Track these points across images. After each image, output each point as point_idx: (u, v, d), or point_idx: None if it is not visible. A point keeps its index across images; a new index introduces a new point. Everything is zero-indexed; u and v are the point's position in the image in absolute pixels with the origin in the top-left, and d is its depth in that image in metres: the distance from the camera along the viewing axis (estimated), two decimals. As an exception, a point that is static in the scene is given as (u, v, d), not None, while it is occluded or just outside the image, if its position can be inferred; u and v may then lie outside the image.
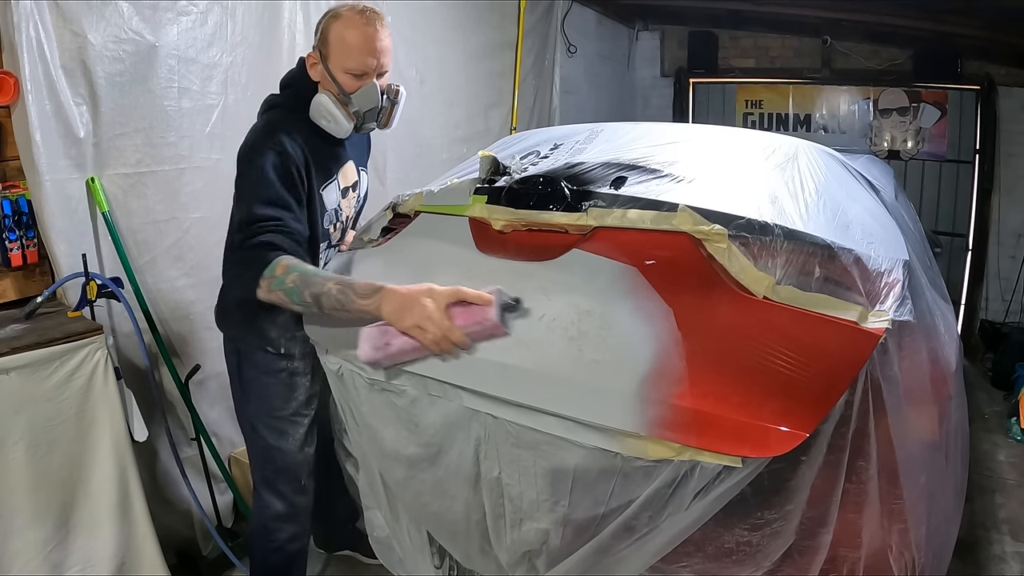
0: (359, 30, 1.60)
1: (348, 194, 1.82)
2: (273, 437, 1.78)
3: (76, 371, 1.81)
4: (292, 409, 1.78)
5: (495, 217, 1.58)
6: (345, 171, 1.79)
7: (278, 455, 1.79)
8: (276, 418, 1.77)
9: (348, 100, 1.64)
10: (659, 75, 5.75)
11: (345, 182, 1.79)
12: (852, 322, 1.20)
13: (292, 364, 1.77)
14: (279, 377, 1.76)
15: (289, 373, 1.77)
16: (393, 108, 1.72)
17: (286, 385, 1.77)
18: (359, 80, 1.63)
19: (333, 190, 1.74)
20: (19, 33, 1.84)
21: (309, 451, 1.84)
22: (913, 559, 1.27)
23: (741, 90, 5.53)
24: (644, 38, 5.72)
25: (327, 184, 1.71)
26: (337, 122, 1.64)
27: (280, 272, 1.41)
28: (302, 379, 1.79)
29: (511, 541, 1.45)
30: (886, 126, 5.06)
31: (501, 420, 1.36)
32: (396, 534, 1.82)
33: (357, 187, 1.86)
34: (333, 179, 1.73)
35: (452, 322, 1.28)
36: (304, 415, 1.80)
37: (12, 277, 2.01)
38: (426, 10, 3.31)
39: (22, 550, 1.75)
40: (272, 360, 1.75)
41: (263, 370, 1.76)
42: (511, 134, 3.75)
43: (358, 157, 1.86)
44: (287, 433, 1.78)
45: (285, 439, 1.78)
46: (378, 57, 1.63)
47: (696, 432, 1.15)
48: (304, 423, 1.80)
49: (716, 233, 1.32)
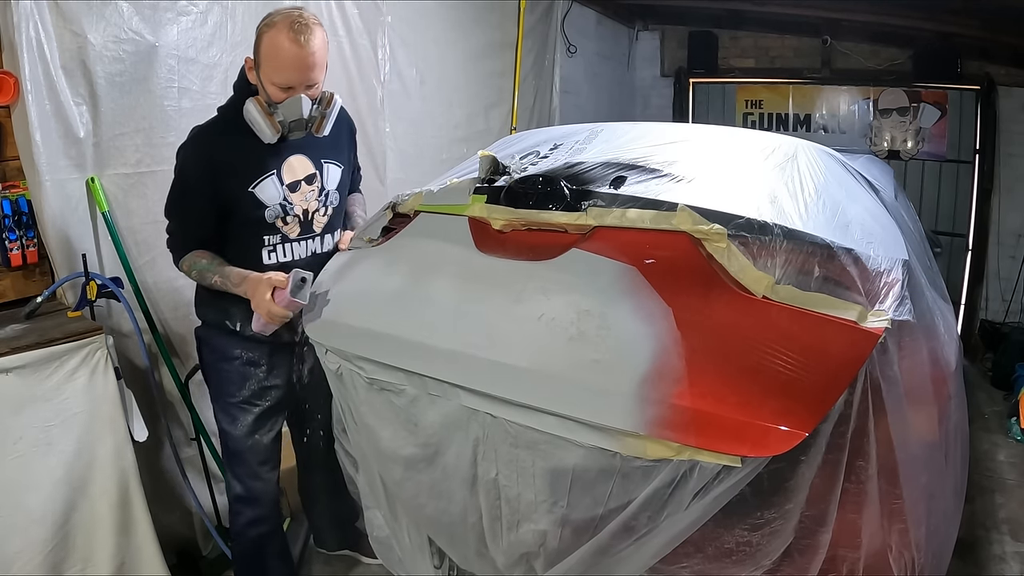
0: (289, 45, 1.64)
1: (300, 188, 1.84)
2: (226, 421, 1.92)
3: (76, 371, 1.81)
4: (242, 397, 1.89)
5: (495, 217, 1.57)
6: (290, 165, 1.82)
7: (229, 439, 1.93)
8: (228, 403, 1.90)
9: (274, 110, 1.71)
10: (659, 75, 5.75)
11: (291, 176, 1.83)
12: (851, 322, 1.20)
13: (248, 353, 1.88)
14: (233, 364, 1.89)
15: (244, 362, 1.89)
16: (324, 118, 1.79)
17: (239, 373, 1.89)
18: (285, 92, 1.70)
19: (270, 186, 1.79)
20: (19, 33, 1.84)
21: (261, 439, 1.93)
22: (913, 559, 1.27)
23: (741, 90, 5.53)
24: (644, 38, 5.72)
25: (259, 181, 1.77)
26: (261, 131, 1.71)
27: (186, 268, 1.81)
28: (256, 370, 1.90)
29: (508, 543, 1.45)
30: (886, 126, 5.06)
31: (500, 419, 1.36)
32: (396, 534, 1.82)
33: (315, 180, 1.88)
34: (268, 175, 1.78)
35: (273, 301, 1.64)
36: (255, 404, 1.91)
37: (12, 277, 2.01)
38: (426, 10, 3.31)
39: (22, 550, 1.75)
40: (229, 346, 1.88)
41: (220, 355, 1.90)
42: (511, 134, 3.75)
43: (320, 150, 1.88)
44: (237, 419, 1.90)
45: (235, 424, 1.90)
46: (306, 73, 1.69)
47: (695, 431, 1.15)
48: (253, 411, 1.91)
49: (715, 233, 1.32)
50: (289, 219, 1.84)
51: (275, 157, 1.80)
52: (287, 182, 1.82)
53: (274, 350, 1.92)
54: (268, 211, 1.80)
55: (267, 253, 1.84)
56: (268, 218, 1.81)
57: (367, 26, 2.97)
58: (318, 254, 1.93)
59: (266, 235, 1.83)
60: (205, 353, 1.96)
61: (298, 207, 1.85)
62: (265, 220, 1.80)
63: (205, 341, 1.95)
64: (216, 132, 1.78)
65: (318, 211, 1.90)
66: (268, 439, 1.95)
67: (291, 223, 1.85)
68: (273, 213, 1.81)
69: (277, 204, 1.81)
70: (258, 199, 1.77)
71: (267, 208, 1.79)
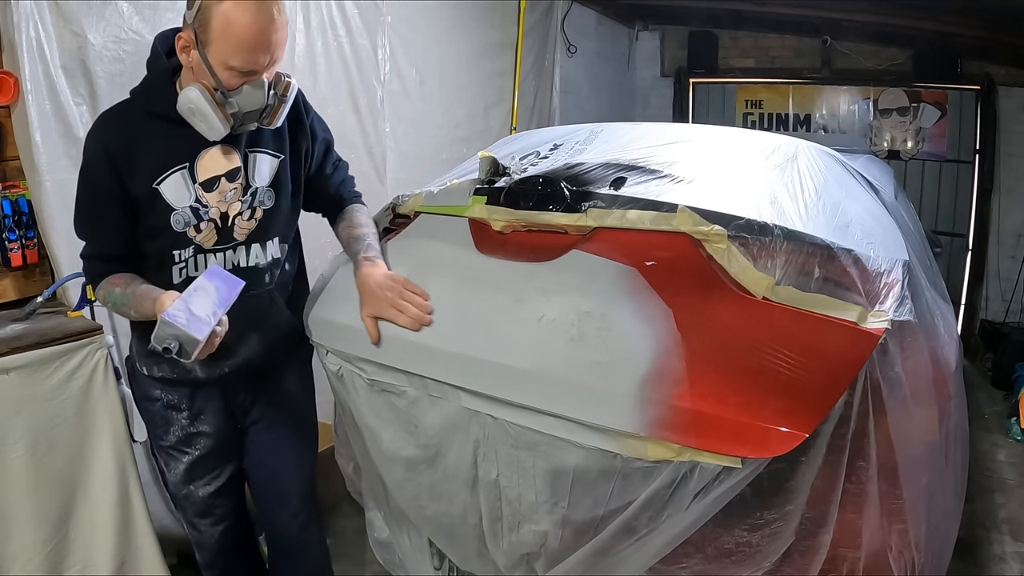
0: (251, 18, 1.29)
1: (218, 185, 1.47)
2: (161, 461, 1.68)
3: (76, 371, 1.81)
4: (169, 442, 1.63)
5: (495, 218, 1.57)
6: (210, 158, 1.46)
7: (166, 479, 1.69)
8: (159, 446, 1.66)
9: (226, 100, 1.36)
10: (659, 75, 5.76)
11: (207, 172, 1.46)
12: (852, 322, 1.20)
13: (167, 395, 1.61)
14: (155, 406, 1.63)
15: (164, 404, 1.62)
16: (280, 106, 1.44)
17: (162, 416, 1.63)
18: (243, 78, 1.35)
19: (178, 183, 1.43)
20: (19, 33, 1.84)
21: (196, 491, 1.65)
22: (913, 559, 1.27)
23: (741, 90, 5.53)
24: (644, 38, 5.72)
25: (165, 176, 1.42)
26: (210, 125, 1.36)
27: (102, 300, 1.49)
28: (178, 415, 1.61)
29: (508, 544, 1.45)
30: (886, 126, 5.07)
31: (500, 421, 1.36)
32: (396, 535, 1.82)
33: (238, 176, 1.49)
34: (176, 169, 1.43)
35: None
36: (184, 451, 1.63)
37: (12, 277, 2.01)
38: (426, 10, 3.31)
39: (22, 550, 1.75)
40: (148, 386, 1.62)
41: (142, 394, 1.66)
42: (511, 134, 3.75)
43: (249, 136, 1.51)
44: (169, 464, 1.65)
45: (168, 468, 1.66)
46: (272, 52, 1.35)
47: (696, 433, 1.15)
48: (183, 460, 1.63)
49: (715, 233, 1.32)
50: (203, 226, 1.48)
51: (189, 147, 1.43)
52: (201, 179, 1.45)
53: (195, 392, 1.60)
54: (175, 216, 1.43)
55: (179, 271, 1.49)
56: (176, 225, 1.44)
57: (367, 26, 2.97)
58: (242, 268, 1.55)
59: (176, 249, 1.47)
60: (133, 387, 1.71)
61: (214, 209, 1.48)
62: (172, 228, 1.44)
63: (131, 374, 1.69)
64: (119, 116, 1.43)
65: (240, 214, 1.52)
66: (205, 492, 1.66)
67: (205, 230, 1.48)
68: (182, 219, 1.45)
69: (187, 207, 1.45)
70: (164, 200, 1.43)
71: (174, 212, 1.43)
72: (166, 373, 1.58)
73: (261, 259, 1.58)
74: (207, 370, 1.56)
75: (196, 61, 1.35)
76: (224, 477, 1.68)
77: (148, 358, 1.55)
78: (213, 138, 1.40)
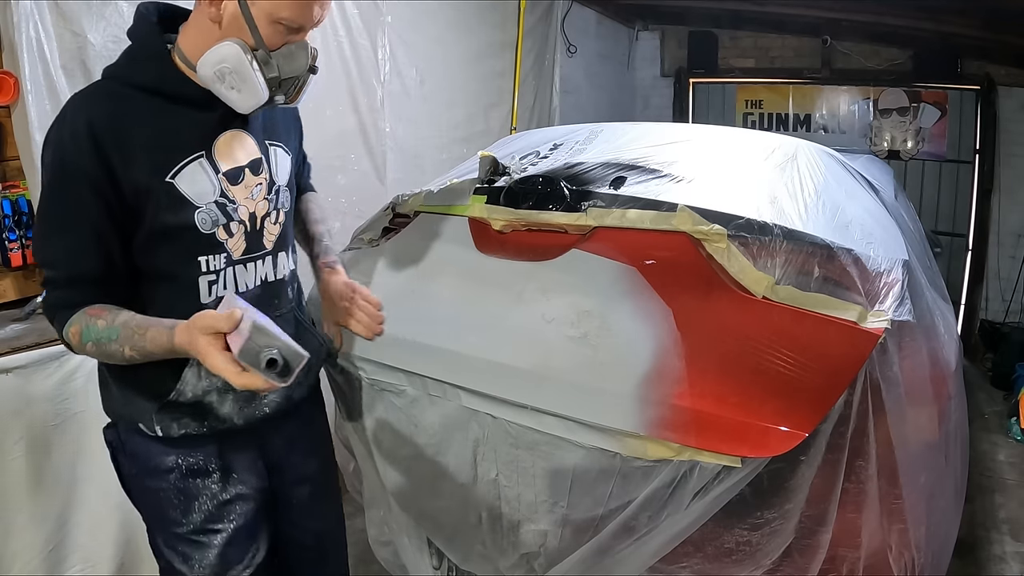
0: None
1: (243, 178, 1.21)
2: (177, 560, 1.24)
3: (76, 371, 1.81)
4: (193, 526, 1.23)
5: (495, 217, 1.58)
6: (227, 145, 1.19)
7: None
8: (174, 535, 1.24)
9: (268, 60, 1.12)
10: (659, 75, 5.76)
11: (231, 161, 1.19)
12: (851, 322, 1.20)
13: (186, 459, 1.22)
14: (168, 481, 1.22)
15: (182, 474, 1.22)
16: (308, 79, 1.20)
17: (180, 492, 1.22)
18: (290, 35, 1.13)
19: (199, 173, 1.15)
20: (19, 33, 1.84)
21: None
22: (913, 559, 1.27)
23: (741, 90, 5.53)
24: (644, 38, 5.72)
25: (182, 166, 1.13)
26: (249, 89, 1.10)
27: (76, 340, 1.09)
28: (206, 481, 1.24)
29: (508, 543, 1.45)
30: (886, 126, 5.07)
31: (500, 420, 1.36)
32: (395, 535, 1.82)
33: (262, 169, 1.25)
34: (194, 157, 1.15)
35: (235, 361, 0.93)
36: (215, 531, 1.24)
37: (12, 277, 2.01)
38: (426, 10, 3.31)
39: (22, 550, 1.75)
40: (155, 454, 1.22)
41: (145, 469, 1.24)
42: (511, 134, 3.75)
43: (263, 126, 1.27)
44: (191, 558, 1.23)
45: (190, 564, 1.23)
46: (323, 7, 1.14)
47: (695, 432, 1.15)
48: (215, 543, 1.24)
49: (715, 233, 1.32)
50: (234, 227, 1.20)
51: (202, 130, 1.16)
52: (224, 169, 1.18)
53: (222, 446, 1.25)
54: (200, 215, 1.15)
55: (208, 285, 1.18)
56: (202, 225, 1.15)
57: (367, 26, 2.97)
58: (270, 283, 1.29)
59: (204, 255, 1.17)
60: (124, 466, 1.28)
61: (243, 208, 1.21)
62: (198, 229, 1.15)
63: (120, 449, 1.27)
64: (102, 92, 1.13)
65: (268, 216, 1.26)
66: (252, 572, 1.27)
67: (237, 233, 1.21)
68: (208, 218, 1.16)
69: (212, 203, 1.16)
70: (182, 194, 1.13)
71: (198, 210, 1.14)
72: (191, 429, 1.22)
73: (285, 271, 1.33)
74: (244, 413, 1.26)
75: (232, 14, 1.09)
76: (262, 553, 1.31)
77: (165, 413, 1.19)
78: (244, 110, 1.14)
